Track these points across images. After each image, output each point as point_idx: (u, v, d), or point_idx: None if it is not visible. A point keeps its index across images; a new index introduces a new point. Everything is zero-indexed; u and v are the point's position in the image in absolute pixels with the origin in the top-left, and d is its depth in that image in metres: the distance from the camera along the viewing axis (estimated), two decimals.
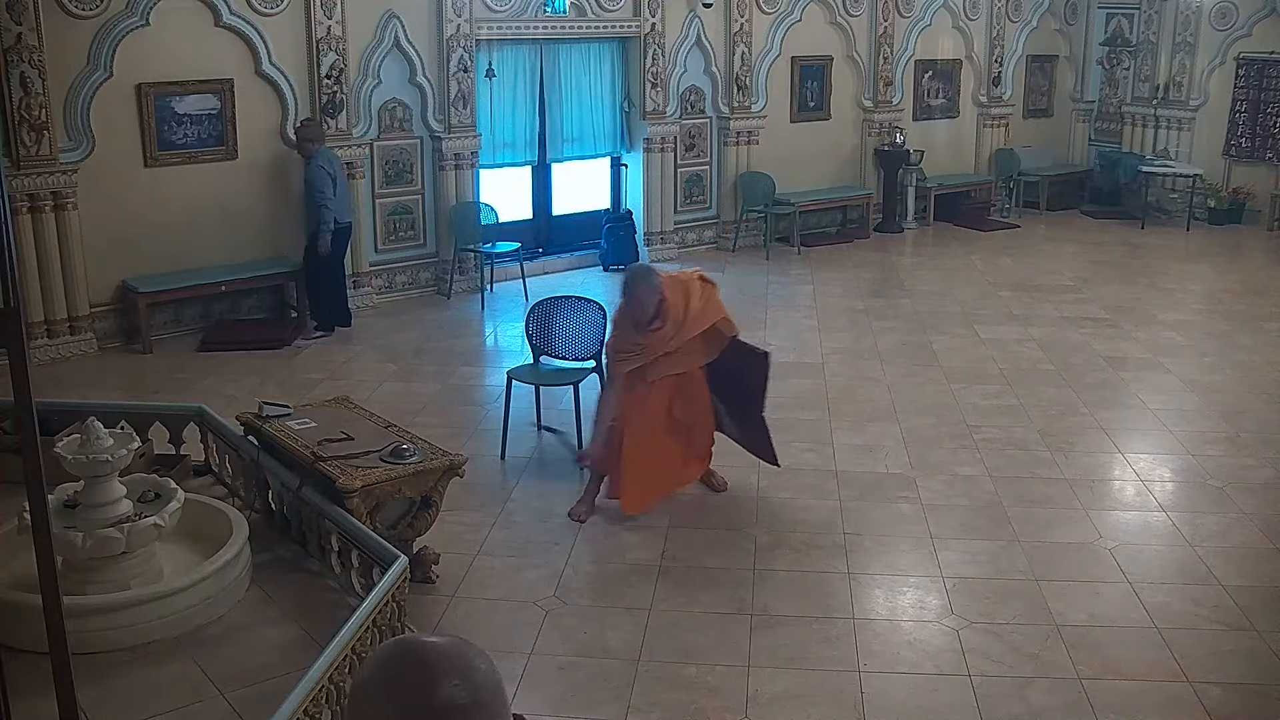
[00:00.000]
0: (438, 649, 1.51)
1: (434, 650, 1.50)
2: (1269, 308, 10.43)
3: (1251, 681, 4.70)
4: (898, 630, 5.06)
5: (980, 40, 14.35)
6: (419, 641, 1.53)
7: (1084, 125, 15.51)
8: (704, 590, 5.37)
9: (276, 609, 4.94)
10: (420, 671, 1.48)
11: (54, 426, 5.63)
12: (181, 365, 8.69)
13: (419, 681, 1.47)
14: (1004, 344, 9.23)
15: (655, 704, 4.50)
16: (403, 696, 1.46)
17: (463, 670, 1.49)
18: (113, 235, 8.98)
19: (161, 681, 4.41)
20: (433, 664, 1.48)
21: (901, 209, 13.71)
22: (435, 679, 1.46)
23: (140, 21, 8.84)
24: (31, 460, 3.03)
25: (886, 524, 6.10)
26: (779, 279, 11.45)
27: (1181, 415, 7.71)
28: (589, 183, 12.13)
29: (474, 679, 1.49)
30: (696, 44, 12.03)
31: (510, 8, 10.75)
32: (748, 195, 12.55)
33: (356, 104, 9.97)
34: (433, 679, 1.47)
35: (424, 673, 1.47)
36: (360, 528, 4.85)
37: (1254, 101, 13.71)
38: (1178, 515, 6.20)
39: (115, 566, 4.78)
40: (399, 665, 1.49)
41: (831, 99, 13.25)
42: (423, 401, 7.92)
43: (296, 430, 5.54)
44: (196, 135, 9.28)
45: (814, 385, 8.25)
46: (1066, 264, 12.09)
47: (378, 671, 1.50)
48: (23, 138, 8.38)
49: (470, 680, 1.49)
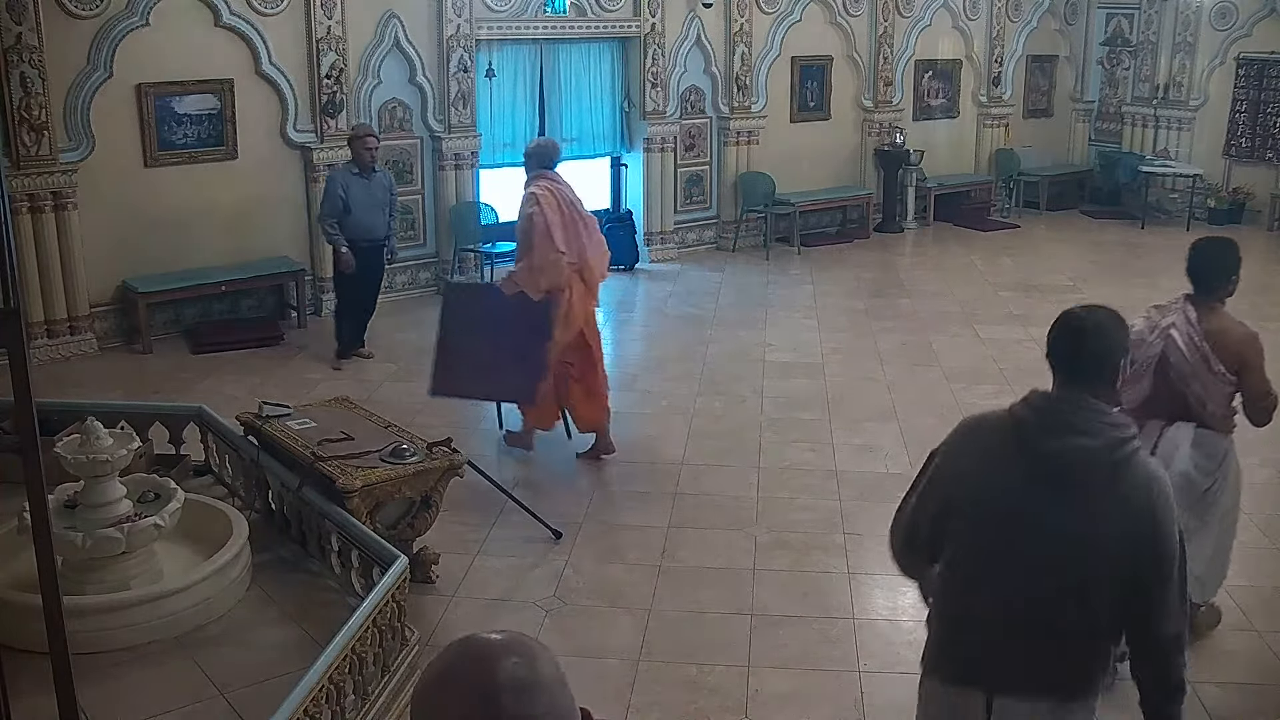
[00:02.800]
0: (500, 637, 1.55)
1: (496, 637, 1.55)
2: (1269, 307, 10.41)
3: (1251, 681, 4.70)
4: (898, 630, 5.06)
5: (980, 40, 14.34)
6: (481, 634, 1.57)
7: (1084, 125, 15.51)
8: (704, 590, 5.37)
9: (276, 609, 4.94)
10: (483, 651, 1.51)
11: (54, 426, 5.63)
12: (181, 365, 8.69)
13: (481, 661, 1.50)
14: (1004, 344, 9.23)
15: (655, 704, 4.50)
16: (467, 677, 1.49)
17: (524, 651, 1.52)
18: (113, 235, 8.98)
19: (161, 681, 4.41)
20: (496, 645, 1.52)
21: (901, 209, 13.71)
22: (497, 657, 1.50)
23: (140, 21, 8.83)
24: (31, 460, 3.03)
25: (886, 524, 6.04)
26: (779, 279, 11.45)
27: None
28: (589, 183, 12.12)
29: (536, 660, 1.52)
30: (696, 44, 12.03)
31: (510, 8, 10.75)
32: (748, 195, 12.55)
33: (356, 104, 9.97)
34: (494, 657, 1.50)
35: (487, 652, 1.51)
36: (360, 528, 4.85)
37: (1254, 101, 13.71)
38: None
39: (115, 566, 4.79)
40: (462, 652, 1.52)
41: (831, 99, 13.25)
42: (423, 401, 7.92)
43: (296, 430, 5.54)
44: (196, 135, 9.28)
45: (814, 385, 8.25)
46: (1066, 264, 12.08)
47: (441, 662, 1.53)
48: (23, 138, 8.38)
49: (532, 660, 1.51)
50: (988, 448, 2.84)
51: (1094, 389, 2.77)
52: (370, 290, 8.86)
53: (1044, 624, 2.76)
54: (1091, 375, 2.78)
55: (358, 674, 4.09)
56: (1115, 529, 2.69)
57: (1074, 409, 2.75)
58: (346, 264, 8.47)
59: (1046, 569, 2.73)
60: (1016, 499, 2.74)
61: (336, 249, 8.47)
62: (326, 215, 8.49)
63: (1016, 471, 2.75)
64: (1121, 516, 2.69)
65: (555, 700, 1.52)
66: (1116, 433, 2.73)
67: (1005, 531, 2.77)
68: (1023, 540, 2.75)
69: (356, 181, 8.48)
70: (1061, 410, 2.76)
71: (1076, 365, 2.79)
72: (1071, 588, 2.72)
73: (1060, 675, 2.80)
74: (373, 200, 8.56)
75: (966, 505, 2.84)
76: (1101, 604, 2.74)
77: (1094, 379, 2.78)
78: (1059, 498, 2.71)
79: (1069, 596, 2.73)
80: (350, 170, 8.55)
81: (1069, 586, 2.73)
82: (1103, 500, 2.70)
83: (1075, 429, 2.72)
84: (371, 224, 8.58)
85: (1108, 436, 2.72)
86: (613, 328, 9.46)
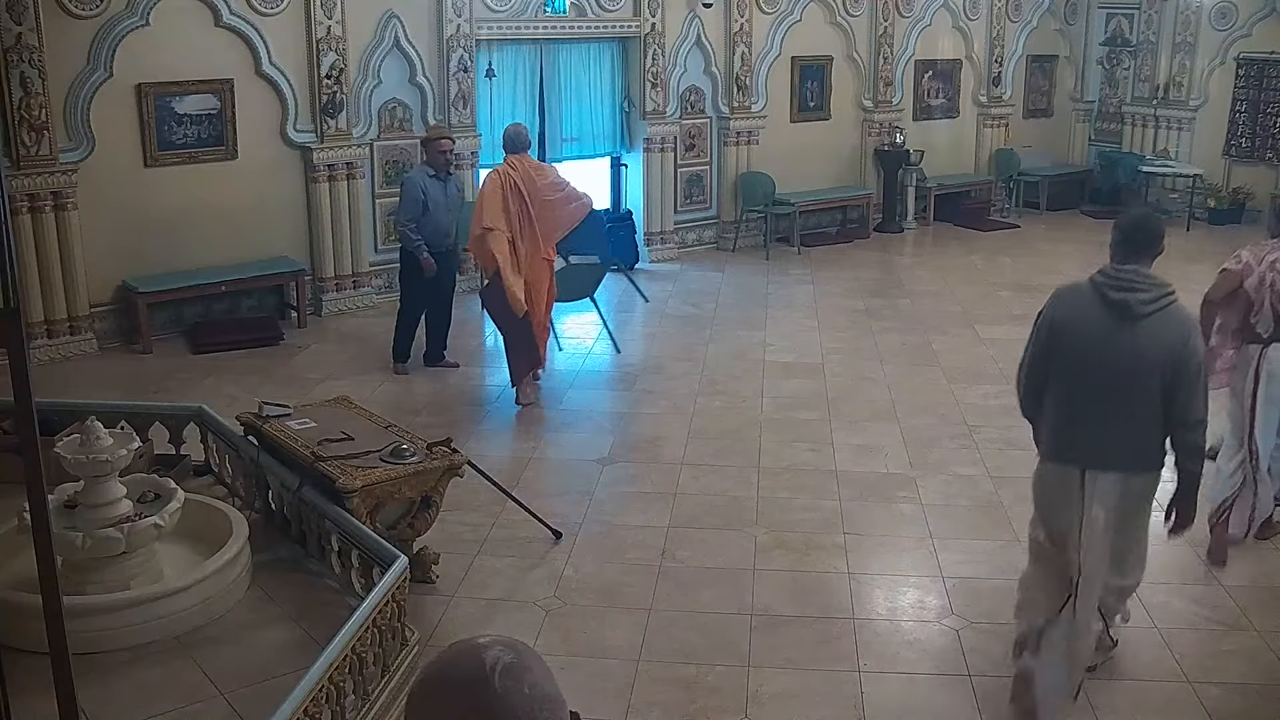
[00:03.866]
0: (485, 638, 1.64)
1: (482, 639, 1.64)
2: None
3: (1251, 681, 4.70)
4: (898, 630, 5.06)
5: (980, 40, 14.34)
6: (462, 640, 1.67)
7: (1084, 125, 15.51)
8: (704, 590, 5.37)
9: (276, 609, 4.94)
10: (469, 648, 1.61)
11: (54, 426, 5.64)
12: (181, 365, 8.69)
13: (469, 655, 1.59)
14: (1004, 344, 9.21)
15: (655, 704, 4.50)
16: (457, 671, 1.58)
17: (508, 643, 1.62)
18: (113, 235, 8.98)
19: (161, 681, 4.41)
20: (479, 641, 1.62)
21: (901, 209, 13.71)
22: (482, 648, 1.60)
23: (140, 21, 8.84)
24: (31, 460, 3.03)
25: (886, 524, 6.10)
26: (779, 279, 11.45)
27: None
28: (589, 183, 12.10)
29: (518, 646, 1.62)
30: (696, 44, 12.03)
31: (510, 8, 10.76)
32: (748, 195, 12.55)
33: (356, 104, 9.97)
34: (480, 648, 1.60)
35: (471, 646, 1.61)
36: (360, 528, 4.85)
37: (1254, 101, 13.71)
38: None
39: (115, 566, 4.79)
40: (450, 654, 1.62)
41: (831, 99, 13.25)
42: (423, 401, 7.92)
43: (296, 430, 5.54)
44: (196, 135, 9.28)
45: (814, 385, 8.25)
46: (1066, 264, 12.06)
47: (431, 667, 1.62)
48: (23, 138, 8.38)
49: (515, 646, 1.61)
50: (1077, 302, 4.27)
51: (1141, 262, 4.22)
52: (446, 296, 8.61)
53: (1118, 417, 4.15)
54: (1141, 253, 4.23)
55: (358, 674, 4.09)
56: (1160, 349, 4.09)
57: (1131, 275, 4.17)
58: (429, 268, 8.23)
59: (1119, 377, 4.13)
60: (1097, 331, 4.17)
61: (417, 254, 8.22)
62: (407, 218, 8.25)
63: (1097, 314, 4.18)
64: (1164, 342, 4.10)
65: (540, 682, 1.58)
66: (1159, 290, 4.16)
67: (1091, 354, 4.17)
68: (1103, 359, 4.14)
69: (433, 184, 8.29)
70: (1123, 275, 4.18)
71: (1130, 248, 4.23)
72: (1135, 390, 4.11)
73: (1129, 453, 4.20)
74: (448, 203, 8.42)
75: (1066, 340, 4.23)
76: (1153, 400, 4.11)
77: (1142, 256, 4.23)
78: (1125, 329, 4.13)
79: (1133, 396, 4.12)
80: (426, 172, 8.35)
81: (1133, 389, 4.11)
82: (1152, 331, 4.11)
83: (1134, 287, 4.15)
84: (446, 228, 8.43)
85: (1155, 292, 4.15)
86: (613, 327, 9.44)
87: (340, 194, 9.98)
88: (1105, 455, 4.17)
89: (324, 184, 9.88)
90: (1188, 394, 4.08)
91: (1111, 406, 4.14)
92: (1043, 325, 4.33)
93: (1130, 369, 4.10)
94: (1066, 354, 4.22)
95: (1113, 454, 4.17)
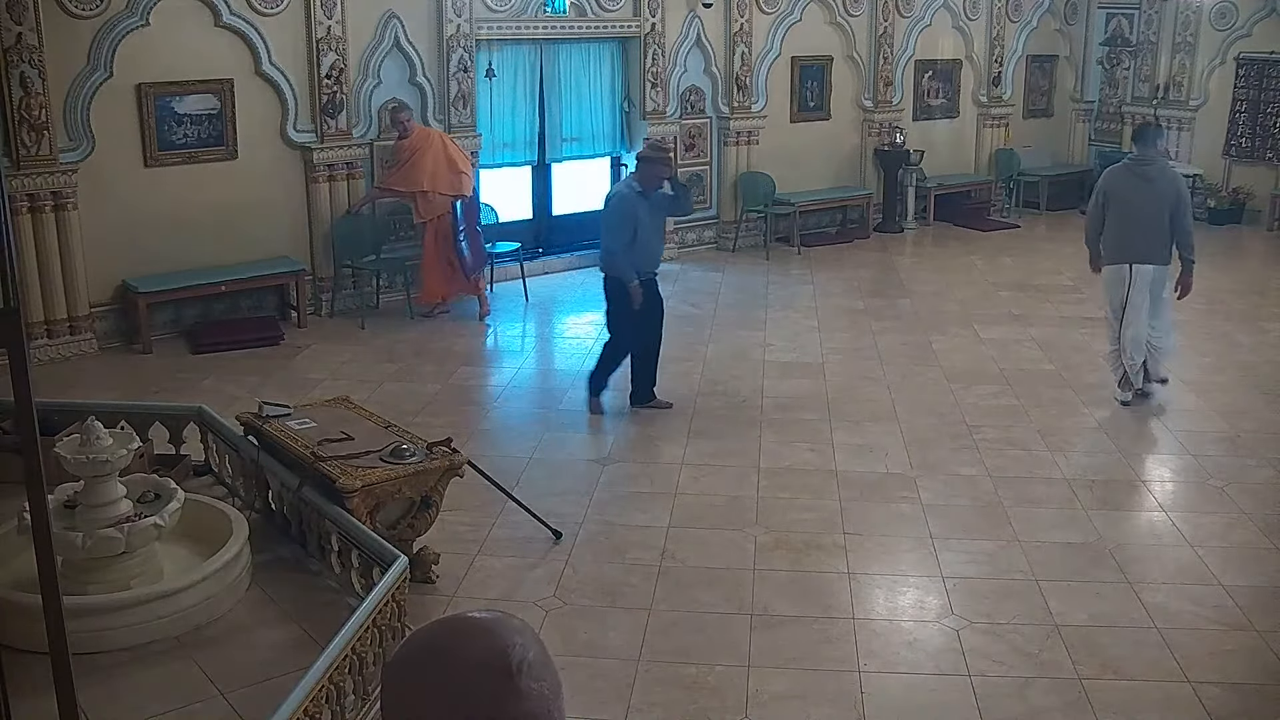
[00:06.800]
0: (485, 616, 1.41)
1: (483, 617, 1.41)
2: (1269, 308, 10.43)
3: (1251, 681, 4.70)
4: (898, 630, 5.06)
5: (980, 40, 14.34)
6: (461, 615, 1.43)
7: (1084, 125, 15.50)
8: (704, 590, 5.37)
9: (276, 609, 4.95)
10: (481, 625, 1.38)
11: (54, 426, 5.63)
12: (181, 365, 8.69)
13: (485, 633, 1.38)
14: (1004, 344, 9.23)
15: (655, 704, 4.50)
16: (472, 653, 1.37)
17: (519, 626, 1.41)
18: (113, 235, 8.97)
19: (161, 681, 4.42)
20: (490, 620, 1.39)
21: (901, 209, 13.70)
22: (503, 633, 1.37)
23: (140, 21, 8.83)
24: (31, 460, 3.03)
25: (886, 524, 6.10)
26: (779, 279, 11.45)
27: (1181, 415, 7.71)
28: (589, 183, 12.12)
29: (530, 631, 1.42)
30: (696, 44, 12.03)
31: (510, 8, 10.75)
32: (748, 195, 12.55)
33: (356, 104, 9.97)
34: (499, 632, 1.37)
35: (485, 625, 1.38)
36: (360, 528, 4.85)
37: (1254, 101, 13.70)
38: (1178, 515, 6.20)
39: (115, 566, 4.79)
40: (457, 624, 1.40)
41: (831, 99, 13.25)
42: (423, 401, 7.92)
43: (296, 430, 5.54)
44: (196, 135, 9.27)
45: (814, 385, 8.25)
46: (1066, 264, 12.06)
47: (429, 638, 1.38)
48: (23, 138, 8.38)
49: (528, 632, 1.42)
50: (1120, 175, 7.62)
51: (1150, 149, 7.58)
52: (658, 326, 7.69)
53: (1149, 230, 7.40)
54: (1149, 145, 7.60)
55: (358, 674, 4.09)
56: (1167, 194, 7.39)
57: (1149, 157, 7.55)
58: (638, 296, 7.37)
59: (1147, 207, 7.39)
60: (1132, 189, 7.49)
61: (626, 281, 7.35)
62: (619, 246, 7.33)
63: (1131, 181, 7.53)
64: (1167, 190, 7.42)
65: (553, 673, 1.40)
66: (1165, 162, 7.89)
67: (1132, 199, 7.47)
68: (1136, 200, 7.44)
69: (642, 205, 7.38)
70: (1143, 156, 7.55)
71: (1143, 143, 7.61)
72: (1157, 214, 7.37)
73: (1155, 252, 7.44)
74: (656, 225, 7.61)
75: (1115, 192, 7.57)
76: (1166, 220, 7.38)
77: (1149, 146, 7.59)
78: (1146, 186, 7.43)
79: (1157, 218, 7.37)
80: (634, 188, 7.43)
81: (1156, 214, 7.37)
82: (1160, 185, 7.43)
83: (1152, 163, 7.53)
84: (657, 251, 7.73)
85: (1161, 164, 7.64)
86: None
87: (340, 194, 9.98)
88: (1141, 254, 7.42)
89: (324, 184, 9.88)
90: (1182, 217, 7.42)
91: (1142, 228, 7.40)
92: (1099, 191, 7.73)
93: (1152, 208, 7.37)
94: (1116, 203, 7.53)
95: (1146, 253, 7.42)
